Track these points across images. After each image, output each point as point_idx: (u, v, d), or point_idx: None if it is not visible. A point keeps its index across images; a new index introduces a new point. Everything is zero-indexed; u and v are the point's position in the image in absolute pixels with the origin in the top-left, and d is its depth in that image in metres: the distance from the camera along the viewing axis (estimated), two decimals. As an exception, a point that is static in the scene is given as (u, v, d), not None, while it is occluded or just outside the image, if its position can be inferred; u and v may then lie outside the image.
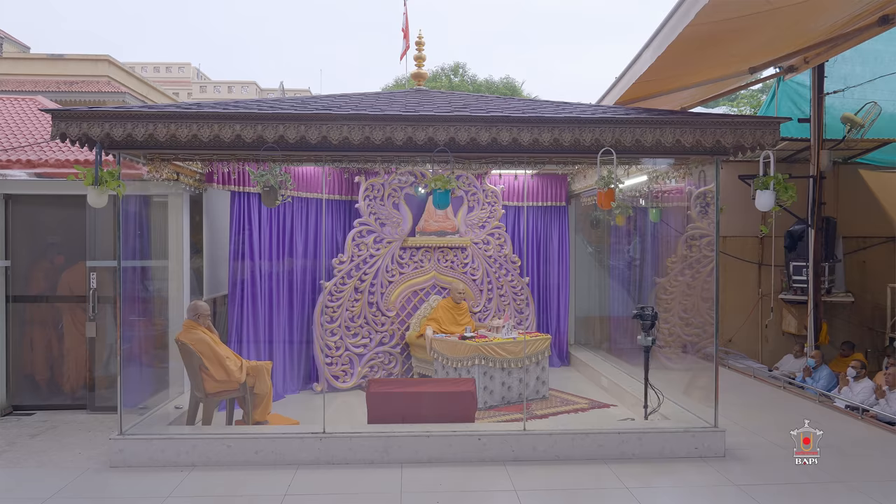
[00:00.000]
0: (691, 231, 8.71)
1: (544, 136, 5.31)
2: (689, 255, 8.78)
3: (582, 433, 5.66)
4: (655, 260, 9.29)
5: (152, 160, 5.76)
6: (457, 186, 5.33)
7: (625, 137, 5.36)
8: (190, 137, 5.19)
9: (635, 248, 9.71)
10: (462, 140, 5.29)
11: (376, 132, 5.26)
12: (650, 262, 9.43)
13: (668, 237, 9.24)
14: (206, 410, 5.95)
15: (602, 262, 10.39)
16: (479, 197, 9.17)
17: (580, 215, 10.58)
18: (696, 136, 5.38)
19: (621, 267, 9.88)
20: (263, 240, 7.70)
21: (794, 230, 10.72)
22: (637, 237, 9.68)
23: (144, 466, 5.43)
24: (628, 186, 7.89)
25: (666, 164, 6.57)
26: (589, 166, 5.83)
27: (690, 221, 8.80)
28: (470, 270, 9.12)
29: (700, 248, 8.77)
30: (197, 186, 7.13)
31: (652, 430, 5.77)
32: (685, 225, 8.93)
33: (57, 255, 7.48)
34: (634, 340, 10.00)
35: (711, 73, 7.66)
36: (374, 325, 8.51)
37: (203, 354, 5.84)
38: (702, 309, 8.80)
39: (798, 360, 9.92)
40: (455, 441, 5.58)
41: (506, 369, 7.60)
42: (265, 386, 6.14)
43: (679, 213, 9.11)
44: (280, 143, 5.35)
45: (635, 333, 9.84)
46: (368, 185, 8.46)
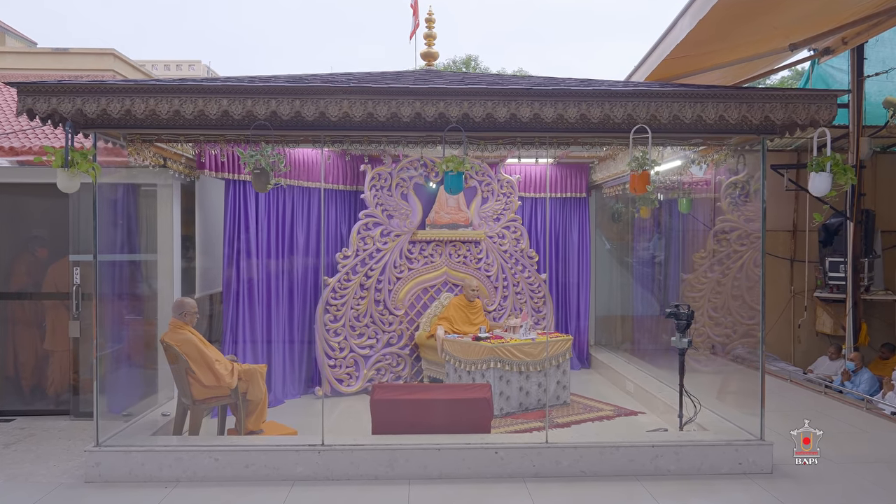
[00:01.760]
0: (721, 224, 8.12)
1: (570, 112, 4.70)
2: (719, 249, 8.19)
3: (612, 446, 5.04)
4: (682, 255, 8.69)
5: (133, 141, 5.20)
6: (471, 169, 4.73)
7: (661, 113, 4.74)
8: (172, 114, 4.63)
9: (659, 243, 9.11)
10: (477, 116, 4.69)
11: (380, 107, 4.67)
12: (676, 258, 8.84)
13: (695, 230, 8.64)
14: (193, 419, 5.39)
15: (624, 258, 9.77)
16: (494, 187, 8.57)
17: (601, 207, 9.96)
18: (743, 112, 4.75)
19: (645, 262, 9.27)
20: (261, 232, 7.13)
21: (830, 223, 10.04)
22: (662, 231, 9.08)
23: (123, 482, 4.87)
24: (663, 171, 7.25)
25: (700, 148, 5.94)
26: (619, 149, 5.21)
27: (720, 214, 8.21)
28: (484, 266, 8.52)
29: (731, 242, 8.20)
30: (188, 174, 6.57)
31: (689, 443, 5.14)
32: (713, 218, 8.34)
33: (40, 248, 6.96)
34: (660, 341, 9.41)
35: (750, 48, 7.01)
36: (380, 324, 7.92)
37: (189, 357, 5.28)
38: (732, 308, 8.21)
39: (834, 362, 9.27)
40: (469, 455, 4.99)
41: (524, 373, 6.99)
42: (259, 391, 5.57)
43: (707, 205, 8.51)
44: (273, 121, 4.78)
45: (660, 333, 9.26)
46: (375, 173, 7.88)
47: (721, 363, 8.30)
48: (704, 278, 8.27)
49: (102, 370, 6.41)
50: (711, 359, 8.28)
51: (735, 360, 8.35)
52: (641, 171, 4.68)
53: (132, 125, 4.86)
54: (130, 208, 6.71)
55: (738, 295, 8.31)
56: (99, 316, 5.19)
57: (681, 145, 5.33)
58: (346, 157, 7.89)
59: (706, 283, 8.26)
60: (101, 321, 6.32)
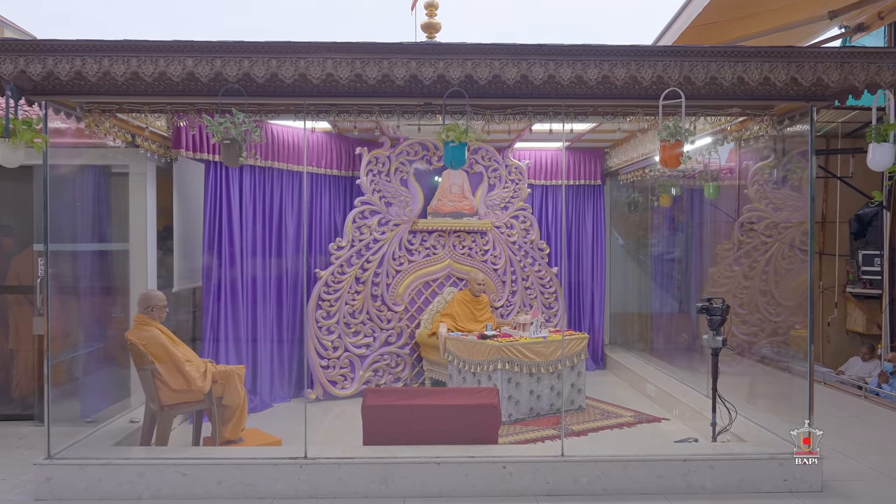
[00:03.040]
0: (748, 213, 7.48)
1: (590, 72, 4.04)
2: (746, 241, 7.55)
3: (637, 460, 4.38)
4: (705, 248, 8.05)
5: (90, 111, 4.57)
6: (474, 139, 4.09)
7: (696, 74, 4.08)
8: (129, 76, 3.99)
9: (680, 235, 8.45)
10: (482, 77, 4.04)
11: (370, 68, 4.02)
12: (697, 250, 8.20)
13: (720, 221, 8.00)
14: (160, 427, 4.76)
15: (642, 249, 9.11)
16: (502, 173, 7.91)
17: (617, 195, 9.30)
18: (792, 73, 4.08)
19: (665, 255, 8.61)
20: (246, 220, 6.50)
21: (863, 214, 9.37)
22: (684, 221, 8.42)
23: (77, 499, 4.25)
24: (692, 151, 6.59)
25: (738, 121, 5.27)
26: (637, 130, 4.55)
27: (747, 202, 7.56)
28: (491, 258, 7.86)
29: (758, 233, 7.58)
30: (163, 154, 5.94)
31: (726, 457, 4.48)
32: (739, 206, 7.70)
33: (5, 237, 6.36)
34: (679, 339, 8.75)
35: (786, 15, 6.32)
36: (378, 321, 7.28)
37: (155, 356, 4.65)
38: (760, 304, 7.58)
39: (867, 363, 8.59)
40: (473, 470, 4.34)
41: (534, 375, 6.33)
42: (237, 395, 4.94)
43: (730, 193, 7.86)
44: (247, 86, 4.15)
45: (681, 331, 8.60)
46: (372, 157, 7.23)
47: (747, 364, 7.66)
48: (729, 272, 7.64)
49: (67, 372, 5.85)
50: (737, 359, 7.64)
51: (761, 361, 7.73)
52: (674, 140, 4.02)
53: (86, 91, 4.23)
54: (101, 193, 6.11)
55: (766, 290, 7.71)
56: (64, 312, 4.62)
57: (716, 115, 4.67)
58: (335, 129, 7.15)
59: (731, 277, 7.63)
60: (67, 317, 5.76)
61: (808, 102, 4.42)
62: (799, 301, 8.74)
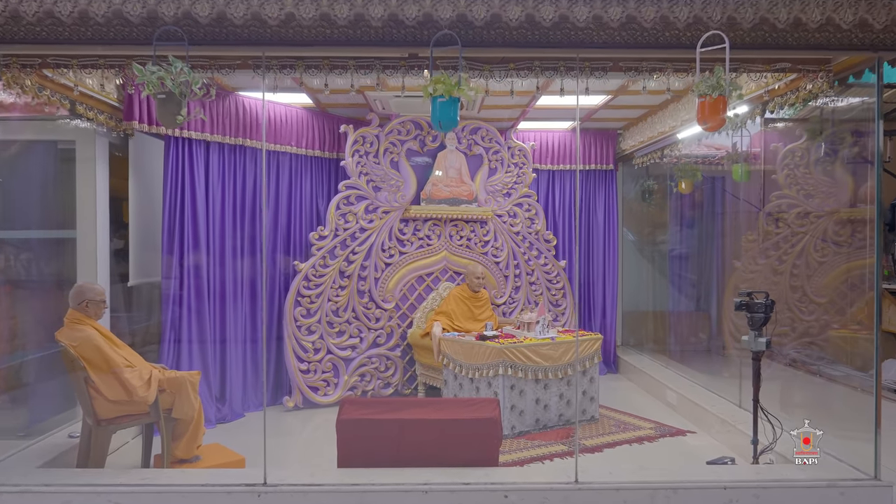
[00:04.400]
0: (777, 201, 6.76)
1: (612, 12, 3.28)
2: (775, 231, 6.83)
3: (668, 488, 3.61)
4: (728, 239, 7.33)
5: (7, 66, 3.80)
6: (466, 93, 3.32)
7: (743, 14, 3.31)
8: (41, 16, 3.25)
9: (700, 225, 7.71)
10: (478, 18, 3.27)
11: (339, 6, 3.26)
12: (719, 241, 7.48)
13: (741, 209, 7.28)
14: (95, 445, 4.00)
15: (658, 242, 8.36)
16: (504, 156, 7.14)
17: (630, 181, 8.54)
18: (861, 13, 3.32)
19: (684, 248, 7.87)
20: (213, 204, 5.74)
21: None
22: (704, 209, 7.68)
23: (-14, 536, 3.50)
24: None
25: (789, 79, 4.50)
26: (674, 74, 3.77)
27: (776, 188, 6.84)
28: (491, 250, 7.09)
29: (788, 223, 6.87)
30: (114, 127, 5.18)
31: (775, 483, 3.70)
32: (765, 194, 6.97)
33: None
34: (698, 340, 8.01)
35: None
36: (365, 320, 6.51)
37: (88, 361, 3.89)
38: (790, 301, 6.86)
39: (905, 366, 7.82)
40: (468, 499, 3.58)
41: (541, 381, 5.56)
42: (190, 407, 4.18)
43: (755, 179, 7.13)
44: (187, 28, 3.38)
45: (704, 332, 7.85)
46: (358, 136, 6.47)
47: (775, 368, 6.92)
48: (755, 266, 6.91)
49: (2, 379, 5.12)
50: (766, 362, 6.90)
51: (791, 365, 7.00)
52: (717, 95, 3.25)
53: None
54: (48, 172, 5.38)
55: (797, 286, 6.98)
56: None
57: (763, 70, 3.88)
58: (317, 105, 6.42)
59: (757, 270, 6.90)
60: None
61: (876, 53, 3.64)
62: (832, 298, 7.95)
